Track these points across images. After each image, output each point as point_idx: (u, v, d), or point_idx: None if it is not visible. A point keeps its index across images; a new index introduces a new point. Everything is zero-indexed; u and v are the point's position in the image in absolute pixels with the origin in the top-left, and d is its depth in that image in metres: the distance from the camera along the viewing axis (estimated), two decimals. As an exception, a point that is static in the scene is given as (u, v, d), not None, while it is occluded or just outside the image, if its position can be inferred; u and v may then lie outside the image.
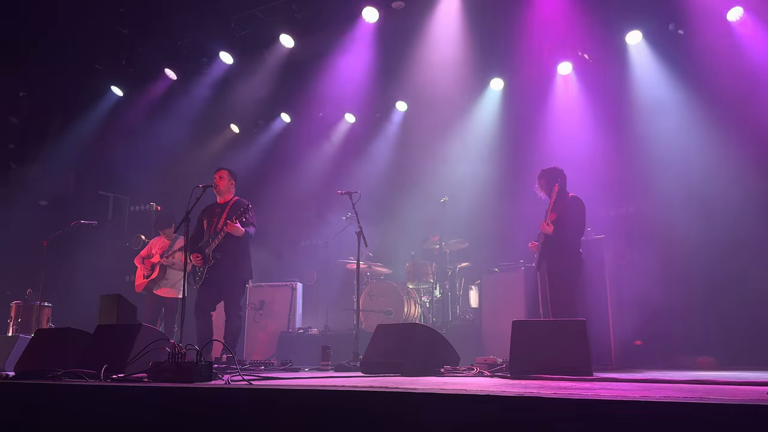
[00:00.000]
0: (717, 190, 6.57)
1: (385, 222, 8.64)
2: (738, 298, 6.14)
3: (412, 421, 2.11)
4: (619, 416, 1.81)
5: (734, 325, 6.03)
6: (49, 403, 3.10)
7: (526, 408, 1.97)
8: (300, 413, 2.34)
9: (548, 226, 5.45)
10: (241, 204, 6.08)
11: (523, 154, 8.19)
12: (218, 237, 5.89)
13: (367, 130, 9.81)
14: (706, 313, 6.15)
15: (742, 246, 6.29)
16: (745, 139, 6.64)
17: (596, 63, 7.89)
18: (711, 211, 6.50)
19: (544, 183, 5.74)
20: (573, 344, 3.83)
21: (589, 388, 2.55)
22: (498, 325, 6.82)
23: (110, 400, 2.89)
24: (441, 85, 8.29)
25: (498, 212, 8.07)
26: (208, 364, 3.24)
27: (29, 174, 9.36)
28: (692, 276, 6.34)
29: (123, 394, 2.84)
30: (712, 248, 6.38)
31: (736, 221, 6.37)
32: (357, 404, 2.27)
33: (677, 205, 6.43)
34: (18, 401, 3.25)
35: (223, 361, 5.30)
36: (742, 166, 6.54)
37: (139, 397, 2.77)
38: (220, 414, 2.53)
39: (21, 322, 7.61)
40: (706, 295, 6.22)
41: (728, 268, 6.27)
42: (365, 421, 2.19)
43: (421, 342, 4.54)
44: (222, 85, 9.16)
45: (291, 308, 8.28)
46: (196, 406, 2.62)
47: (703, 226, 6.44)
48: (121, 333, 4.00)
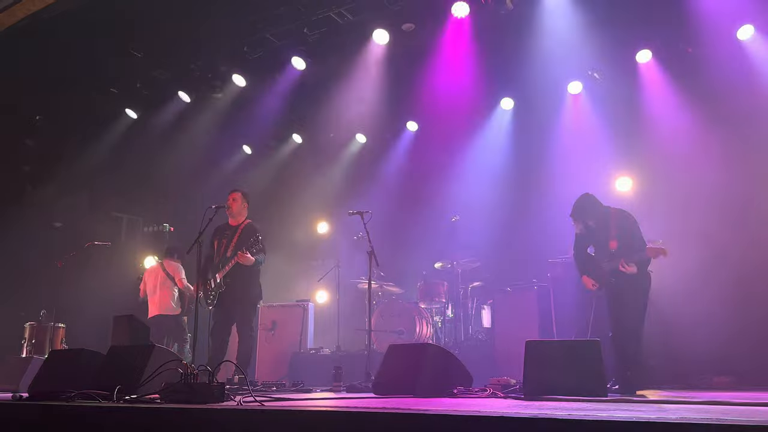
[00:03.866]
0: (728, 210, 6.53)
1: (397, 242, 8.64)
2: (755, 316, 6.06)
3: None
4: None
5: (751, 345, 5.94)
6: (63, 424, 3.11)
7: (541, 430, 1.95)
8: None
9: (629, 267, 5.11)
10: (253, 229, 6.12)
11: (534, 173, 8.20)
12: (229, 263, 5.94)
13: (378, 150, 9.87)
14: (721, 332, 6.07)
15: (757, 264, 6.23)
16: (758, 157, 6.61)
17: (606, 82, 7.92)
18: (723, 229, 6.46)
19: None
20: (587, 365, 3.80)
21: (604, 409, 2.53)
22: (511, 344, 6.77)
23: (123, 421, 2.89)
24: (451, 105, 8.34)
25: (510, 231, 8.06)
26: (220, 385, 3.24)
27: (44, 196, 9.47)
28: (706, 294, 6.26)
29: (136, 415, 2.85)
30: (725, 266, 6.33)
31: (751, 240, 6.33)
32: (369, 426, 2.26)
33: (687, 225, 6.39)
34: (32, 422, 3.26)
35: (236, 382, 5.29)
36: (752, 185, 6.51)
37: (152, 418, 2.77)
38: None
39: (35, 343, 7.66)
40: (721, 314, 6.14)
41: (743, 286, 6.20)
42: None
43: (433, 362, 4.51)
44: (234, 107, 9.26)
45: (302, 328, 8.26)
46: (209, 427, 2.62)
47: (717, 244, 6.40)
48: (134, 354, 4.01)
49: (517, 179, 8.39)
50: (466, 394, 4.24)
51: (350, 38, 7.98)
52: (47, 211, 9.58)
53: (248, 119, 9.38)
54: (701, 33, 6.93)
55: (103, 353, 4.31)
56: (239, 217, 6.30)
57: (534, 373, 3.94)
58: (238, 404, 3.02)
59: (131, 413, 2.90)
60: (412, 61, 8.23)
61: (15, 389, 5.29)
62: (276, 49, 8.24)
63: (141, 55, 8.39)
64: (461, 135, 8.91)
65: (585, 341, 3.95)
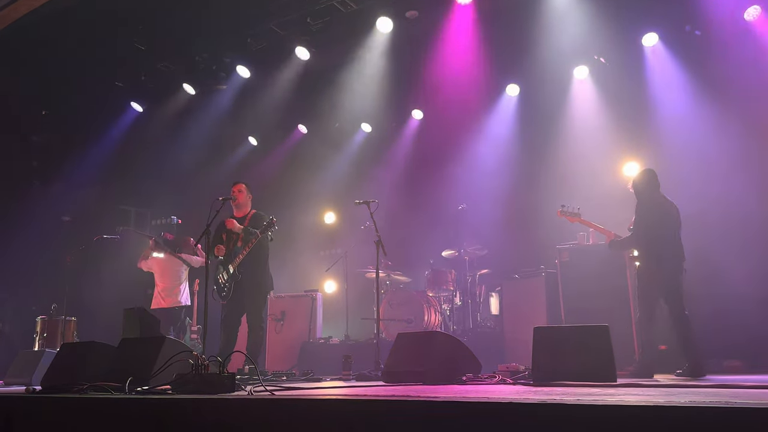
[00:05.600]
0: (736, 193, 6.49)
1: (404, 231, 8.64)
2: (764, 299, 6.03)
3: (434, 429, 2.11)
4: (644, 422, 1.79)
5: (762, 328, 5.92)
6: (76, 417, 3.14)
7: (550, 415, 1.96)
8: (322, 423, 2.35)
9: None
10: (261, 218, 6.17)
11: (540, 159, 8.16)
12: (241, 253, 6.00)
13: (383, 139, 9.85)
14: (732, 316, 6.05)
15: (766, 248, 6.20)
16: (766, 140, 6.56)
17: (612, 66, 7.85)
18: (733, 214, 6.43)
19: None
20: (596, 350, 3.79)
21: (614, 394, 2.53)
22: (520, 331, 6.78)
23: (135, 412, 2.92)
24: (456, 92, 8.31)
25: (517, 218, 8.04)
26: (231, 376, 3.26)
27: (53, 191, 9.52)
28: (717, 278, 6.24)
29: (148, 406, 2.87)
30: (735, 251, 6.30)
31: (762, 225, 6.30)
32: (380, 413, 2.27)
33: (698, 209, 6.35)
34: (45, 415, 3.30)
35: (246, 372, 5.33)
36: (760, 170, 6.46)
37: (164, 409, 2.80)
38: (244, 424, 2.54)
39: (47, 337, 7.74)
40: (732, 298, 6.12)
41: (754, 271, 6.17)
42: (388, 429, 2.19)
43: (442, 350, 4.52)
44: (240, 99, 9.27)
45: (311, 318, 8.30)
46: (221, 417, 2.64)
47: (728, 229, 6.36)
48: (145, 346, 4.04)
49: (523, 166, 8.36)
50: (475, 381, 4.25)
51: (354, 27, 7.95)
52: (56, 206, 9.64)
53: (253, 110, 9.38)
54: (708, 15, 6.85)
55: (114, 345, 4.35)
56: (245, 208, 6.36)
57: (543, 358, 3.94)
58: (249, 394, 3.05)
59: (143, 404, 2.93)
60: (417, 49, 8.20)
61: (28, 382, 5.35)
62: (280, 39, 8.22)
63: (145, 49, 8.39)
64: (467, 122, 8.87)
65: (594, 326, 3.94)
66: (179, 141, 9.66)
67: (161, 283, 7.77)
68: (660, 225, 5.36)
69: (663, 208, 5.42)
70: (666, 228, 5.35)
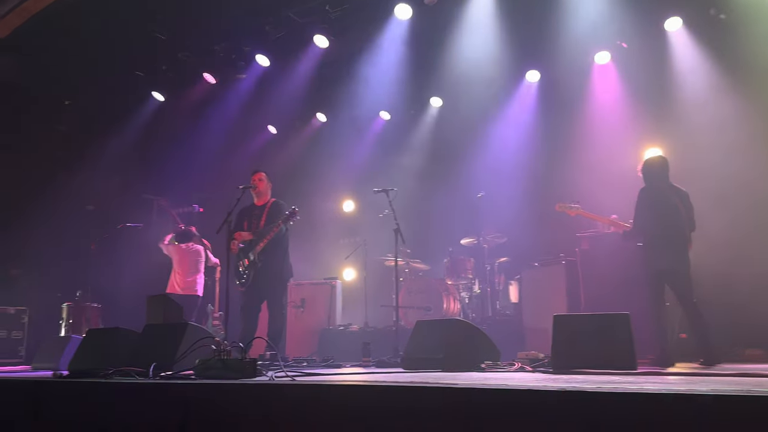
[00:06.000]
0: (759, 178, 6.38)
1: (422, 218, 8.64)
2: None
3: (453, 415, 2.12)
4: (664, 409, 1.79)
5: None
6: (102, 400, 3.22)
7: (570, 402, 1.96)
8: (343, 408, 2.38)
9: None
10: (280, 206, 6.23)
11: (560, 145, 8.09)
12: (262, 241, 6.07)
13: (402, 126, 9.83)
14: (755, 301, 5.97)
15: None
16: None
17: (634, 51, 7.73)
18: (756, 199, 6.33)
19: None
20: (617, 338, 3.78)
21: (633, 382, 2.52)
22: (539, 320, 6.76)
23: (159, 396, 2.98)
24: (476, 79, 8.24)
25: (537, 206, 7.98)
26: (252, 361, 3.31)
27: (76, 180, 9.66)
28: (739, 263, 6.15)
29: (172, 390, 2.93)
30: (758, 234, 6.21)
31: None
32: (399, 399, 2.29)
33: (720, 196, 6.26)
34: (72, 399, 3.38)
35: (267, 358, 5.39)
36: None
37: (187, 393, 2.86)
38: (265, 409, 2.59)
39: (72, 323, 7.90)
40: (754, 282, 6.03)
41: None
42: (407, 415, 2.21)
43: (461, 337, 4.53)
44: (259, 88, 9.30)
45: (331, 305, 8.36)
46: (243, 402, 2.69)
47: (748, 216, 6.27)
48: (169, 332, 4.11)
49: (543, 153, 8.29)
50: (494, 369, 4.26)
51: (372, 14, 7.91)
52: (80, 195, 9.79)
53: (272, 99, 9.41)
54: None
55: (138, 331, 4.43)
56: (265, 197, 6.45)
57: (562, 346, 3.93)
58: (271, 379, 3.09)
59: (167, 389, 2.99)
60: (435, 36, 8.14)
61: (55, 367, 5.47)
62: (298, 27, 8.22)
63: (165, 38, 8.45)
64: (486, 109, 8.81)
65: (614, 314, 3.92)
66: (200, 130, 9.74)
67: (179, 271, 7.88)
68: (654, 211, 5.31)
69: (661, 195, 5.36)
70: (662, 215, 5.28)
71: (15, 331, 8.55)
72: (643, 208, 5.38)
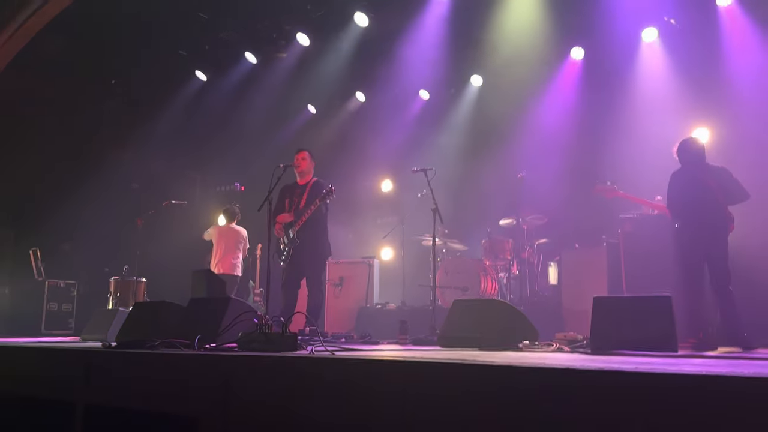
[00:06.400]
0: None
1: (461, 198, 8.60)
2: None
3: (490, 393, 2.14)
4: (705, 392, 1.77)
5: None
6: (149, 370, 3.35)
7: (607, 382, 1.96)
8: (381, 382, 2.42)
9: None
10: (321, 186, 6.30)
11: (604, 126, 7.91)
12: (301, 219, 6.17)
13: (441, 105, 9.75)
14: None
15: None
16: None
17: (683, 28, 7.47)
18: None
19: None
20: (657, 320, 3.72)
21: (674, 364, 2.50)
22: (579, 302, 6.69)
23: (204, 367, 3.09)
24: (518, 56, 8.11)
25: (578, 186, 7.85)
26: (293, 335, 3.39)
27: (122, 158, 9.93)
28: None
29: (216, 362, 3.03)
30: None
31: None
32: (435, 375, 2.32)
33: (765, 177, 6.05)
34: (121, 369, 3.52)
35: (307, 333, 5.50)
36: None
37: (230, 365, 2.95)
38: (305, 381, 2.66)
39: (119, 297, 8.17)
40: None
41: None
42: (444, 392, 2.24)
43: (498, 317, 4.53)
44: (299, 67, 9.35)
45: (368, 284, 8.44)
46: (284, 374, 2.76)
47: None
48: (212, 306, 4.23)
49: (586, 132, 8.12)
50: (532, 348, 4.26)
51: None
52: (126, 173, 10.07)
53: (313, 78, 9.45)
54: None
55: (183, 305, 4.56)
56: (307, 176, 6.52)
57: (602, 328, 3.90)
58: (310, 353, 3.16)
59: (211, 360, 3.09)
60: (476, 13, 8.02)
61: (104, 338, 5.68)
62: (339, 5, 8.22)
63: (207, 17, 8.55)
64: (528, 87, 8.65)
65: (656, 296, 3.86)
66: (241, 109, 9.87)
67: (219, 251, 8.04)
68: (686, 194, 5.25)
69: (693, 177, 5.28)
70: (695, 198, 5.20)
71: (65, 303, 8.90)
72: (674, 191, 5.33)
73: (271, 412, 2.67)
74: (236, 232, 8.14)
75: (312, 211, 6.18)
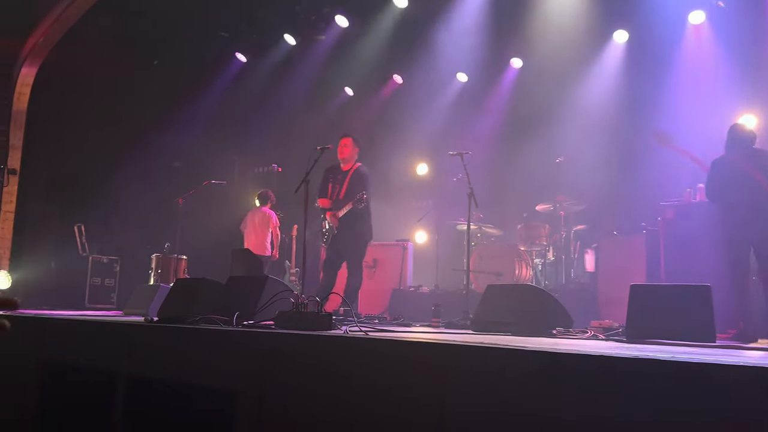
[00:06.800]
0: None
1: (497, 183, 8.54)
2: None
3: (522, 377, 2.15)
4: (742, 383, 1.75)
5: None
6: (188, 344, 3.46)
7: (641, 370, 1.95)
8: (413, 363, 2.46)
9: None
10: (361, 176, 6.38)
11: (647, 110, 7.72)
12: (343, 207, 6.27)
13: (479, 88, 9.65)
14: None
15: None
16: None
17: (732, 10, 7.22)
18: None
19: None
20: (696, 310, 3.66)
21: (710, 354, 2.46)
22: (616, 290, 6.58)
23: (242, 343, 3.17)
24: (559, 39, 7.95)
25: (618, 173, 7.71)
26: (328, 315, 3.45)
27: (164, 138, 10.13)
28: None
29: (253, 338, 3.11)
30: None
31: None
32: (469, 358, 2.35)
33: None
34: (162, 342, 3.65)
35: (341, 314, 5.57)
36: None
37: (267, 342, 3.02)
38: (340, 360, 2.71)
39: (161, 273, 8.38)
40: None
41: None
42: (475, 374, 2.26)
43: (532, 303, 4.52)
44: (337, 48, 9.36)
45: (402, 267, 8.48)
46: (318, 352, 2.83)
47: None
48: (250, 284, 4.32)
49: (628, 117, 7.94)
50: (566, 335, 4.24)
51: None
52: (167, 153, 10.28)
53: (350, 60, 9.46)
54: None
55: (222, 283, 4.67)
56: (350, 162, 6.59)
57: (638, 316, 3.85)
58: (345, 333, 3.21)
59: (249, 337, 3.17)
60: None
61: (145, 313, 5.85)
62: (378, -13, 8.19)
63: (248, 0, 8.63)
64: (569, 71, 8.48)
65: (695, 286, 3.79)
66: (280, 91, 9.95)
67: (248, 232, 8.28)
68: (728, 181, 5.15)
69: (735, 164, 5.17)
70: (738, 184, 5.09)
71: (108, 278, 9.18)
72: (715, 179, 5.23)
73: (306, 388, 2.73)
74: (263, 214, 8.39)
75: (347, 209, 6.26)
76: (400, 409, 2.40)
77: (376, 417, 2.47)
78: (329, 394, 2.64)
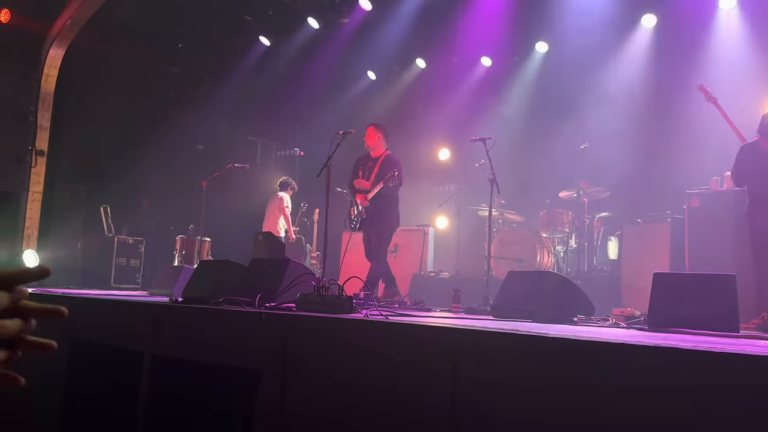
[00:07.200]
0: None
1: (520, 169, 8.47)
2: None
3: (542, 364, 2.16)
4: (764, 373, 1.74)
5: None
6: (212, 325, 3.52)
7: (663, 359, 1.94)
8: (433, 348, 2.48)
9: None
10: (391, 162, 6.41)
11: (674, 97, 7.58)
12: (371, 192, 6.31)
13: (503, 73, 9.55)
14: None
15: None
16: None
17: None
18: None
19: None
20: (719, 300, 3.62)
21: (734, 344, 2.44)
22: (639, 278, 6.55)
23: (264, 325, 3.22)
24: (586, 22, 7.82)
25: (644, 160, 7.59)
26: (348, 299, 3.48)
27: (188, 120, 10.22)
28: None
29: (276, 320, 3.15)
30: None
31: None
32: (487, 343, 2.35)
33: None
34: (186, 322, 3.72)
35: (362, 298, 5.61)
36: None
37: (289, 324, 3.07)
38: (360, 343, 2.74)
39: (185, 254, 8.53)
40: None
41: None
42: (495, 360, 2.27)
43: (553, 290, 4.49)
44: (360, 33, 9.33)
45: (423, 252, 8.50)
46: (339, 335, 2.86)
47: None
48: (273, 266, 4.37)
49: (655, 103, 7.81)
50: (587, 323, 4.22)
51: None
52: (191, 135, 10.38)
53: (373, 44, 9.42)
54: None
55: (245, 264, 4.73)
56: (378, 150, 6.62)
57: (661, 304, 3.82)
58: (365, 316, 3.24)
59: (271, 318, 3.21)
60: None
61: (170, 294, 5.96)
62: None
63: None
64: (595, 55, 8.35)
65: (719, 275, 3.74)
66: (303, 74, 9.96)
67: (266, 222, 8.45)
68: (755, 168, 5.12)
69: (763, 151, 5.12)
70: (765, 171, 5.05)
71: (133, 259, 9.34)
72: (743, 163, 5.19)
73: (327, 369, 2.77)
74: (276, 198, 8.60)
75: (377, 190, 6.31)
76: (419, 393, 2.43)
77: (395, 399, 2.50)
78: (348, 375, 2.67)
